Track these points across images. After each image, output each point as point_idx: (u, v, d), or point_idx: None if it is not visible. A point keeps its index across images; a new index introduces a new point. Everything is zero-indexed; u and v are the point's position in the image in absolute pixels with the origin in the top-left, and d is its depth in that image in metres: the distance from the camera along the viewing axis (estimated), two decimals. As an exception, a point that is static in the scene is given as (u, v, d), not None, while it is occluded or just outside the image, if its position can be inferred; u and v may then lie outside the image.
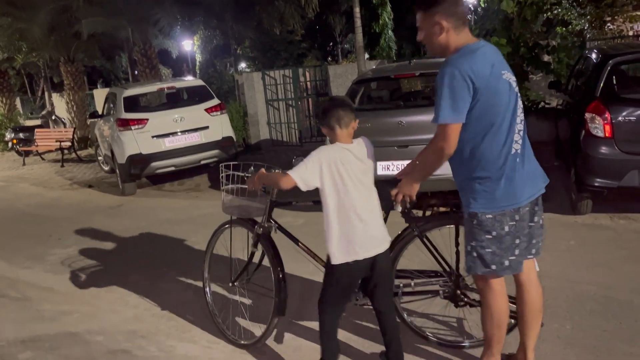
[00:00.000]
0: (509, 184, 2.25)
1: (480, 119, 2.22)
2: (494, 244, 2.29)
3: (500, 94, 2.22)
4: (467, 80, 2.15)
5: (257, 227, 2.97)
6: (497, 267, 2.32)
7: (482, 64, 2.18)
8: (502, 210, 2.26)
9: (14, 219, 7.46)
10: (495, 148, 2.24)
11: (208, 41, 22.87)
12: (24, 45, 14.28)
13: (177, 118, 8.14)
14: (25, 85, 25.83)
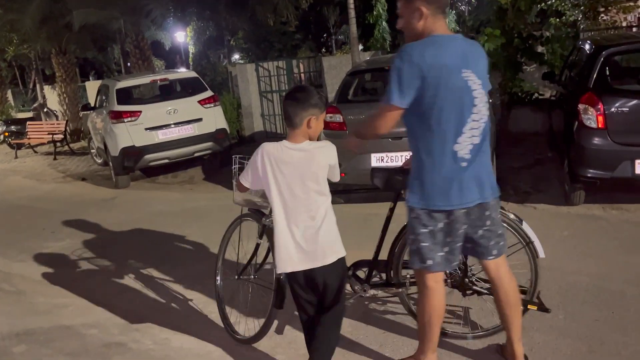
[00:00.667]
0: (445, 185, 2.24)
1: (426, 113, 2.19)
2: (428, 240, 2.32)
3: (452, 91, 2.16)
4: (415, 68, 2.13)
5: (263, 219, 2.96)
6: (432, 262, 2.35)
7: (438, 56, 2.15)
8: (436, 208, 2.27)
9: (7, 212, 7.42)
10: (436, 146, 2.22)
11: (201, 32, 22.70)
12: (15, 37, 14.15)
13: (170, 110, 8.09)
14: (17, 78, 25.62)
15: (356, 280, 2.95)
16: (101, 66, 29.54)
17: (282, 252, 2.35)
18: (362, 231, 4.74)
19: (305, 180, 2.33)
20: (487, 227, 2.36)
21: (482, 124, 2.25)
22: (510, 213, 2.72)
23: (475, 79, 2.21)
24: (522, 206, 5.10)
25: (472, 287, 2.77)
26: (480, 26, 9.58)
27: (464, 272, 2.76)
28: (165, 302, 3.86)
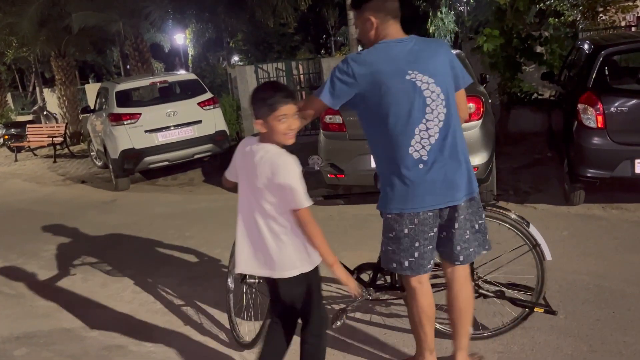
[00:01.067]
0: (405, 188, 2.23)
1: (377, 118, 2.23)
2: (394, 243, 2.34)
3: (395, 95, 2.18)
4: (349, 78, 2.21)
5: None
6: (396, 266, 2.36)
7: (375, 63, 2.20)
8: (399, 212, 2.27)
9: (7, 215, 7.42)
10: (392, 150, 2.23)
11: (200, 34, 22.71)
12: (14, 40, 14.16)
13: (170, 112, 8.09)
14: (17, 81, 25.65)
15: (360, 283, 2.94)
16: (100, 69, 29.55)
17: (239, 252, 2.25)
18: (362, 232, 4.75)
19: (254, 188, 2.15)
20: (455, 229, 2.33)
21: (441, 123, 2.23)
22: (516, 215, 2.72)
23: (426, 79, 2.20)
24: (522, 206, 5.10)
25: (478, 290, 2.77)
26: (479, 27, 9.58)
27: (470, 275, 2.75)
28: (166, 304, 3.85)
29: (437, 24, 18.31)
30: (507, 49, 7.05)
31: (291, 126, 2.10)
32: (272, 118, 2.07)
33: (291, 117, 2.10)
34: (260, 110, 2.09)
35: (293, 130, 2.12)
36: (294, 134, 2.14)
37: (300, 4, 11.88)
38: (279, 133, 2.10)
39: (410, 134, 2.21)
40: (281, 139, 2.12)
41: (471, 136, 4.78)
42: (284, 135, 2.11)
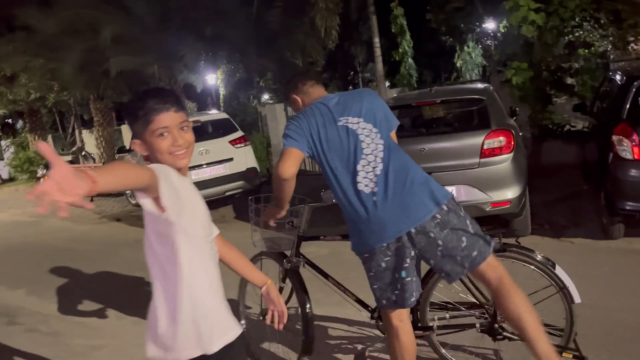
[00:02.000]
0: (367, 225, 2.31)
1: (323, 165, 2.44)
2: (378, 281, 2.39)
3: (334, 140, 2.41)
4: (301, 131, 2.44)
5: (285, 262, 2.94)
6: (386, 303, 2.41)
7: (308, 121, 2.46)
8: (370, 248, 2.33)
9: (46, 253, 7.62)
10: (345, 190, 2.37)
11: (231, 74, 23.34)
12: (55, 85, 14.81)
13: (202, 151, 8.29)
14: (57, 123, 26.70)
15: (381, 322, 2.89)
16: (136, 110, 30.53)
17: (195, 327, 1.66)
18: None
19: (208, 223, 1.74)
20: (441, 246, 2.28)
21: (381, 153, 2.38)
22: (541, 256, 2.63)
23: (355, 120, 2.43)
24: (559, 241, 4.97)
25: (503, 332, 2.68)
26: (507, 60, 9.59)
27: (494, 317, 2.67)
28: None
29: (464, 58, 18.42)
30: (537, 82, 7.02)
31: (177, 141, 1.57)
32: (148, 134, 1.56)
33: (176, 128, 1.58)
34: (134, 126, 1.58)
35: (181, 145, 1.58)
36: (186, 151, 1.61)
37: (328, 43, 12.13)
38: (163, 153, 1.57)
39: (355, 171, 2.36)
40: (169, 160, 1.58)
41: (503, 170, 4.73)
42: (171, 154, 1.58)
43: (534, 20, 6.63)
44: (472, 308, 2.75)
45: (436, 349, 2.90)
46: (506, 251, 2.61)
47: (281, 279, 2.99)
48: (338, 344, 3.42)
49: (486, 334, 2.72)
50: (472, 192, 4.77)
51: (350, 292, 2.92)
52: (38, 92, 15.66)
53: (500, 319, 2.66)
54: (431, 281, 2.76)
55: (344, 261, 2.74)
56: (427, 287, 2.77)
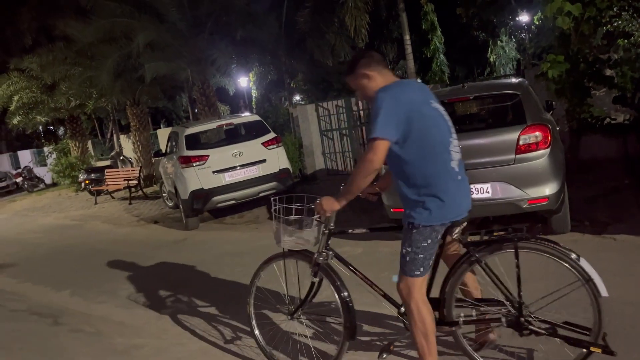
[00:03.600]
0: (452, 198, 2.57)
1: (418, 141, 2.52)
2: (426, 251, 2.60)
3: (433, 117, 2.57)
4: (401, 104, 2.49)
5: (316, 256, 2.97)
6: (423, 270, 2.62)
7: (413, 93, 2.59)
8: (442, 223, 2.58)
9: (87, 255, 7.87)
10: (438, 165, 2.56)
11: (263, 77, 23.59)
12: (93, 92, 15.27)
13: (236, 153, 8.40)
14: (96, 129, 27.55)
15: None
16: (170, 114, 31.23)
17: None
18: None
19: None
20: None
21: (456, 141, 2.67)
22: (565, 247, 2.57)
23: (438, 105, 2.65)
24: (600, 238, 4.81)
25: (529, 326, 2.62)
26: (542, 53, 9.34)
27: (519, 310, 2.62)
28: (237, 342, 3.91)
29: (497, 52, 18.05)
30: (574, 74, 6.80)
31: None
32: None
33: None
34: None
35: None
36: None
37: (358, 42, 12.09)
38: None
39: (449, 150, 2.60)
40: None
41: (539, 166, 4.61)
42: None
43: (570, 11, 6.43)
44: (498, 304, 2.71)
45: (461, 343, 2.86)
46: (528, 242, 2.57)
47: (312, 274, 3.01)
48: (364, 341, 3.42)
49: (512, 328, 2.68)
50: (508, 189, 4.67)
51: (378, 287, 2.94)
52: (78, 100, 16.18)
53: (527, 312, 2.62)
54: (455, 276, 2.75)
55: (377, 260, 2.75)
56: (452, 283, 2.76)
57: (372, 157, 2.49)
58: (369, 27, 11.63)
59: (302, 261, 3.08)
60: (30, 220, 12.78)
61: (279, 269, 3.19)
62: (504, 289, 2.65)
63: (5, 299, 6.17)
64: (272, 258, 3.21)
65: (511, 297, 2.64)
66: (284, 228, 3.02)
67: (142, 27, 11.81)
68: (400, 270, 2.67)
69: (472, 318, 2.77)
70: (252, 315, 3.40)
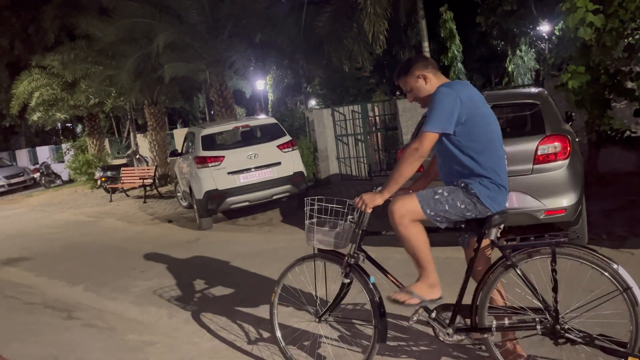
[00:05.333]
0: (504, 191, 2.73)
1: (482, 135, 2.66)
2: (453, 210, 2.68)
3: (491, 116, 2.72)
4: (462, 100, 2.60)
5: (347, 258, 2.96)
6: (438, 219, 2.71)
7: (473, 91, 2.70)
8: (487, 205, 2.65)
9: (102, 252, 7.95)
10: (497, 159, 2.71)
11: (279, 80, 23.70)
12: (113, 91, 15.46)
13: (251, 155, 8.43)
14: (113, 127, 27.83)
15: (439, 324, 2.86)
16: (187, 114, 31.45)
17: None
18: (443, 275, 4.60)
19: None
20: None
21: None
22: (603, 255, 2.53)
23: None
24: (618, 252, 4.74)
25: (565, 334, 2.59)
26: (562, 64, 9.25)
27: (555, 319, 2.58)
28: (247, 342, 3.92)
29: (516, 62, 17.94)
30: (594, 86, 6.73)
31: None
32: None
33: None
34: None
35: None
36: None
37: (375, 48, 12.09)
38: None
39: (503, 148, 2.76)
40: None
41: (558, 176, 4.57)
42: None
43: (592, 22, 6.38)
44: (533, 310, 2.66)
45: (492, 351, 2.81)
46: (566, 248, 2.54)
47: (344, 275, 2.99)
48: (392, 346, 3.40)
49: (547, 336, 2.63)
50: (525, 199, 4.63)
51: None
52: (97, 98, 16.40)
53: (563, 320, 2.59)
54: (489, 282, 2.71)
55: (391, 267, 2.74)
56: (486, 289, 2.72)
57: (418, 146, 2.61)
58: (387, 33, 11.62)
59: (333, 262, 3.06)
60: (47, 215, 12.95)
61: (309, 271, 3.15)
62: (539, 295, 2.61)
63: (21, 291, 6.26)
64: (302, 259, 3.17)
65: (547, 305, 2.60)
66: (317, 228, 3.00)
67: (163, 28, 11.93)
68: (416, 194, 2.74)
69: (505, 325, 2.72)
70: (275, 316, 3.37)
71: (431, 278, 2.77)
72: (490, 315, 2.76)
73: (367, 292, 2.93)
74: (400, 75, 2.87)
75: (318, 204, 2.98)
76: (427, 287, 2.77)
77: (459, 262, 2.92)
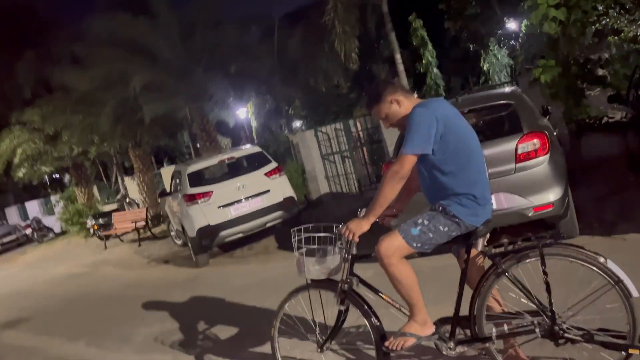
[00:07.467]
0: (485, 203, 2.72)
1: (459, 151, 2.65)
2: (438, 235, 2.68)
3: (468, 129, 2.73)
4: (438, 119, 2.60)
5: (341, 284, 2.94)
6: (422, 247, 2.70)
7: (447, 108, 2.71)
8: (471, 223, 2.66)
9: (101, 302, 7.86)
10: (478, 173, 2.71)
11: (261, 106, 23.76)
12: (95, 138, 15.45)
13: (239, 186, 8.43)
14: (100, 173, 27.72)
15: (440, 339, 2.85)
16: (173, 151, 31.38)
17: None
18: (441, 285, 4.59)
19: None
20: None
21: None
22: (590, 251, 2.55)
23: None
24: (610, 238, 4.77)
25: (564, 334, 2.59)
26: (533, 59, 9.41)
27: (552, 319, 2.59)
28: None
29: (490, 61, 18.17)
30: (567, 77, 6.85)
31: None
32: None
33: None
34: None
35: None
36: None
37: (349, 65, 12.23)
38: None
39: (482, 161, 2.76)
40: None
41: (540, 172, 4.62)
42: None
43: (555, 16, 6.52)
44: (530, 313, 2.67)
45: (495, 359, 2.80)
46: (553, 248, 2.56)
47: (339, 302, 2.98)
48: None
49: (547, 338, 2.63)
50: (512, 199, 4.67)
51: (406, 310, 2.90)
52: (80, 147, 16.36)
53: (561, 320, 2.59)
54: (483, 291, 2.71)
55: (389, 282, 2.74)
56: (481, 298, 2.72)
57: (399, 169, 2.62)
58: (358, 50, 11.77)
59: (327, 290, 3.05)
60: (42, 271, 12.81)
61: (305, 300, 3.13)
62: (534, 298, 2.62)
63: (23, 356, 6.16)
64: (296, 290, 3.15)
65: (543, 306, 2.60)
66: (306, 259, 2.99)
67: (137, 69, 11.99)
68: (398, 229, 2.71)
69: (505, 332, 2.72)
70: (277, 350, 3.34)
71: (422, 315, 2.80)
72: (489, 323, 2.76)
73: (364, 316, 2.92)
74: (372, 104, 2.86)
75: (305, 234, 2.97)
76: (420, 325, 2.80)
77: (455, 270, 2.93)
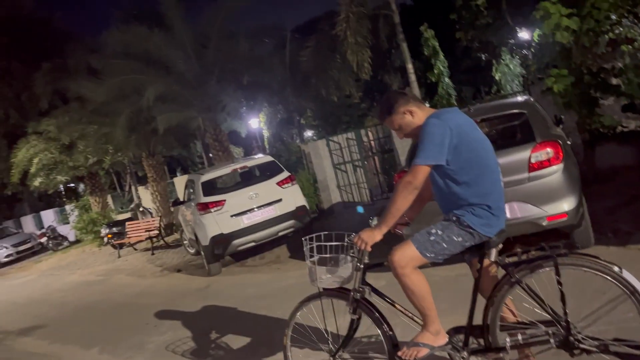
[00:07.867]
0: (501, 212, 2.73)
1: (473, 162, 2.65)
2: (451, 245, 2.67)
3: (484, 141, 2.72)
4: (452, 129, 2.60)
5: (353, 293, 2.94)
6: (434, 257, 2.71)
7: (461, 118, 2.69)
8: (485, 233, 2.65)
9: (114, 310, 7.92)
10: (494, 183, 2.71)
11: (273, 117, 23.95)
12: (109, 148, 15.65)
13: (252, 195, 8.48)
14: (114, 182, 28.03)
15: (453, 349, 2.84)
16: (186, 161, 31.69)
17: None
18: (454, 294, 4.58)
19: None
20: None
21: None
22: (605, 261, 2.52)
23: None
24: (625, 249, 4.72)
25: (579, 345, 2.56)
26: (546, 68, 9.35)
27: (567, 330, 2.56)
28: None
29: (502, 70, 18.13)
30: (579, 86, 6.80)
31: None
32: None
33: None
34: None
35: None
36: None
37: (362, 75, 12.28)
38: None
39: (498, 171, 2.76)
40: None
41: (554, 182, 4.59)
42: None
43: (567, 25, 6.50)
44: (544, 323, 2.64)
45: None
46: (568, 258, 2.53)
47: (352, 311, 2.98)
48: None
49: (562, 349, 2.59)
50: (526, 208, 4.64)
51: (418, 318, 2.90)
52: (95, 157, 16.57)
53: (575, 330, 2.56)
54: (497, 300, 2.70)
55: (401, 292, 2.74)
56: (494, 308, 2.70)
57: (412, 179, 2.61)
58: (371, 60, 11.82)
59: (339, 299, 3.05)
60: (57, 279, 12.94)
61: (317, 309, 3.13)
62: (548, 308, 2.59)
63: (36, 361, 6.23)
64: (308, 299, 3.15)
65: (558, 316, 2.57)
66: (317, 267, 2.99)
67: (151, 81, 12.17)
68: (411, 239, 2.71)
69: (519, 342, 2.69)
70: (290, 359, 3.33)
71: (435, 324, 2.79)
72: (503, 333, 2.74)
73: (377, 326, 2.92)
74: (384, 116, 2.86)
75: (317, 243, 2.98)
76: (433, 334, 2.79)
77: (469, 280, 2.92)
